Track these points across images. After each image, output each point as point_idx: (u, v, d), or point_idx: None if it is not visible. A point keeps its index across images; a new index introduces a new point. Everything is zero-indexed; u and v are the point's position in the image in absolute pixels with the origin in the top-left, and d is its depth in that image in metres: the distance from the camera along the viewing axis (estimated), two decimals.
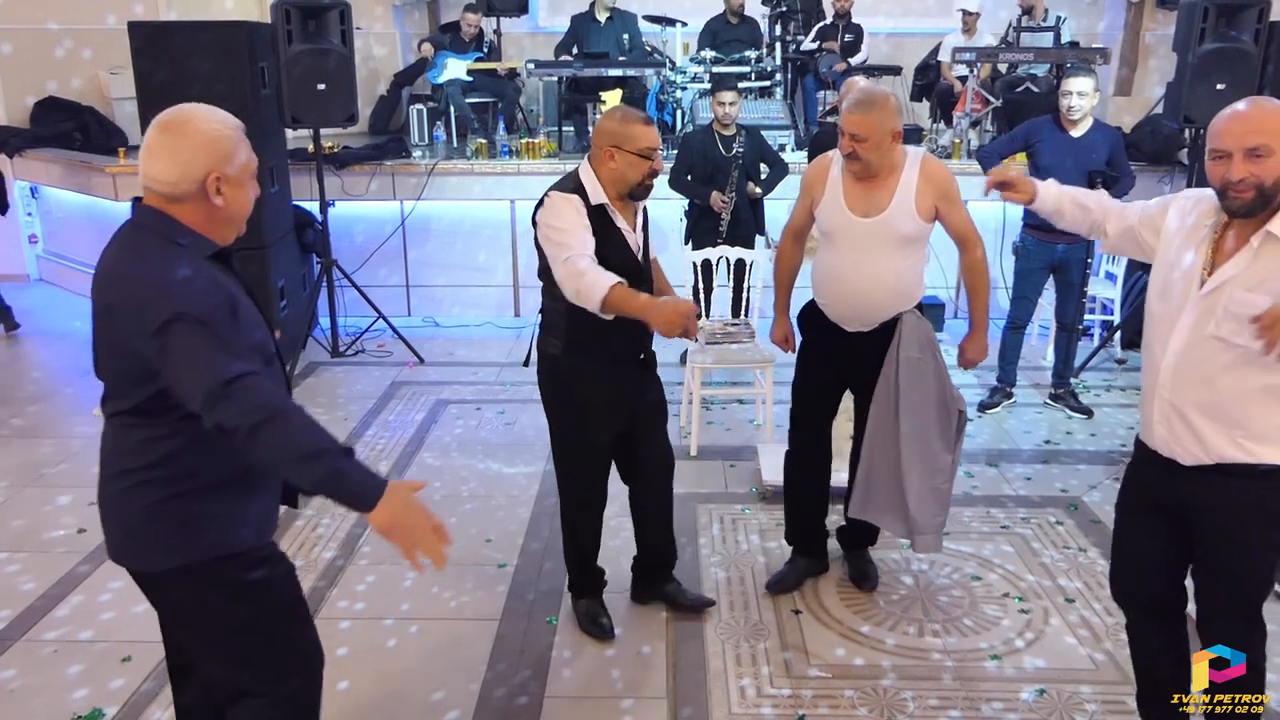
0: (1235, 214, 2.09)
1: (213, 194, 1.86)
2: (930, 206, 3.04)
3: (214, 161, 1.85)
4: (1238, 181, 2.04)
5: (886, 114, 2.93)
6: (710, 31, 7.94)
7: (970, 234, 3.15)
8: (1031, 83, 7.26)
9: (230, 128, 1.90)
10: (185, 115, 1.88)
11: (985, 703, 2.90)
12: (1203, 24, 5.40)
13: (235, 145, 1.89)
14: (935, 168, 3.07)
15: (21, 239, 7.87)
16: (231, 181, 1.88)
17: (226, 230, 1.95)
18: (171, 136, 1.85)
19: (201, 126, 1.86)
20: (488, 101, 8.03)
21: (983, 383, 5.52)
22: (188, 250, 1.85)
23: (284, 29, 5.38)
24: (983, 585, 3.53)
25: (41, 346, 6.42)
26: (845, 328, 3.17)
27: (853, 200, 3.05)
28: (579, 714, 2.87)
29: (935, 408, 3.11)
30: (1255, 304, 2.04)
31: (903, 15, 9.42)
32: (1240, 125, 2.05)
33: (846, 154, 2.98)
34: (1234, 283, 2.10)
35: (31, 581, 3.54)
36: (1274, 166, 2.03)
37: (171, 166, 1.84)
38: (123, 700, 2.90)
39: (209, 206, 1.87)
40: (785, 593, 3.45)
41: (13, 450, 4.71)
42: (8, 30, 7.67)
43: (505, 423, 5.04)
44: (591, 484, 3.14)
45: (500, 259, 6.83)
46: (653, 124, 2.88)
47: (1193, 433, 2.18)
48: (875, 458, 3.19)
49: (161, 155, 1.85)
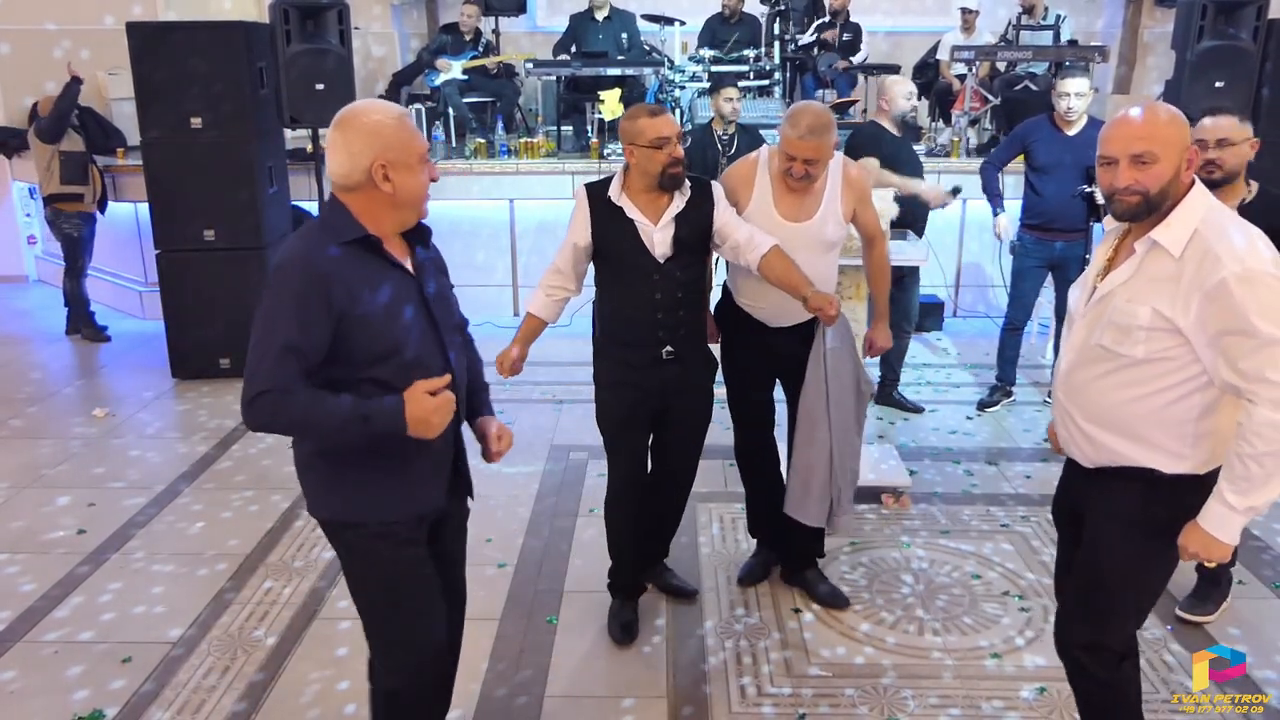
0: (1121, 219, 2.07)
1: (380, 181, 1.98)
2: (851, 209, 3.17)
3: (378, 150, 1.96)
4: (1123, 188, 2.01)
5: (833, 133, 3.02)
6: (709, 30, 7.94)
7: (878, 231, 3.31)
8: (1030, 81, 7.25)
9: (393, 117, 2.00)
10: (352, 110, 2.02)
11: (985, 701, 2.90)
12: (1201, 22, 5.40)
13: (398, 133, 1.99)
14: (855, 172, 3.20)
15: (20, 240, 7.87)
16: (398, 167, 1.98)
17: (403, 215, 2.07)
18: (340, 131, 1.99)
19: (365, 119, 1.98)
20: (486, 101, 8.02)
21: (982, 381, 5.53)
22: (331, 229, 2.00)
23: (282, 29, 5.38)
24: (982, 584, 3.53)
25: (41, 347, 6.43)
26: (768, 324, 3.21)
27: (783, 206, 3.10)
28: (579, 714, 2.87)
29: (854, 393, 3.20)
30: (1134, 315, 2.01)
31: (901, 13, 9.40)
32: (1127, 132, 2.01)
33: (799, 177, 3.00)
34: (1118, 291, 2.07)
35: (31, 583, 3.54)
36: (1158, 174, 1.98)
37: (342, 159, 1.98)
38: (123, 701, 2.90)
39: (379, 193, 2.00)
40: (756, 583, 3.49)
41: (12, 451, 4.71)
42: (6, 31, 7.68)
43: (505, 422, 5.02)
44: (622, 469, 3.16)
45: (499, 258, 6.83)
46: (662, 113, 2.90)
47: (1085, 436, 2.17)
48: (809, 452, 3.20)
49: (333, 149, 2.00)
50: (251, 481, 4.36)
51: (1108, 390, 2.10)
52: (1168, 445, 2.07)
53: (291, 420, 1.94)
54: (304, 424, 1.96)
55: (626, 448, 3.14)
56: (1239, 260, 1.91)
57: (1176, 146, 2.00)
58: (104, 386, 5.65)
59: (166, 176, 5.47)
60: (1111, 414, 2.10)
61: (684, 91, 7.39)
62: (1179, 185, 2.02)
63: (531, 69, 7.49)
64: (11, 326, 6.90)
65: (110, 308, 7.04)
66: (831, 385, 3.13)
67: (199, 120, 5.37)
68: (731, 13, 7.92)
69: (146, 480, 4.38)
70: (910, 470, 4.35)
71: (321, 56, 5.47)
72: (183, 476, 4.39)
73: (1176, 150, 2.00)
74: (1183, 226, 2.00)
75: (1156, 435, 2.07)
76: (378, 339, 1.99)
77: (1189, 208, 2.02)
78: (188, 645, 3.17)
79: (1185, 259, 1.98)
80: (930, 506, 4.12)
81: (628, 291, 2.99)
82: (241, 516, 4.04)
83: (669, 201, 2.96)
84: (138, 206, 6.63)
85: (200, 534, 3.89)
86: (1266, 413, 1.89)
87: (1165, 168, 1.99)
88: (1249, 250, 1.93)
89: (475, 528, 3.91)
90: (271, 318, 1.92)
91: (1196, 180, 2.06)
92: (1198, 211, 2.01)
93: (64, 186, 6.24)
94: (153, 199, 5.55)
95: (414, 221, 2.11)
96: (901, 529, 3.92)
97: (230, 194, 5.48)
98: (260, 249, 5.58)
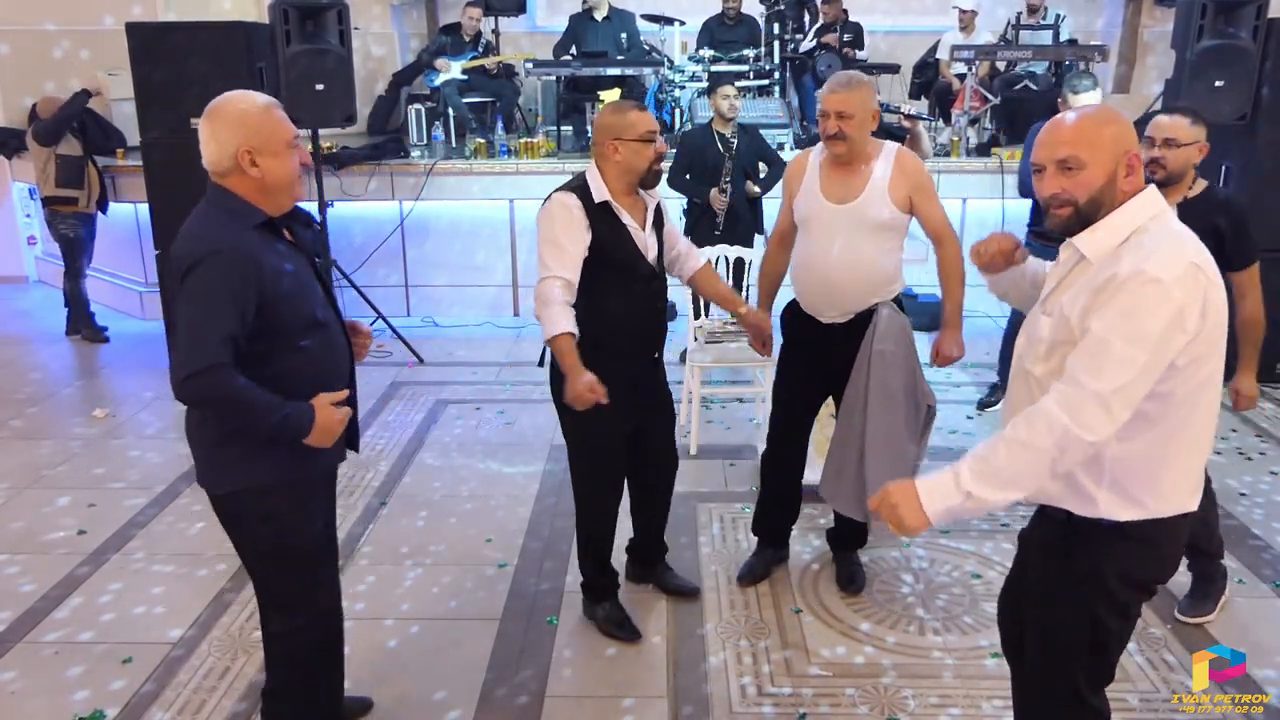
0: (1055, 234, 1.88)
1: (247, 166, 2.11)
2: (904, 197, 3.09)
3: (243, 138, 2.10)
4: (1049, 196, 1.83)
5: (867, 92, 3.01)
6: (708, 30, 7.94)
7: (945, 231, 3.18)
8: (1030, 80, 7.26)
9: (258, 106, 2.14)
10: (220, 100, 2.15)
11: (986, 700, 2.90)
12: (1201, 21, 5.39)
13: (263, 120, 2.13)
14: (910, 160, 3.14)
15: (20, 240, 7.87)
16: (264, 153, 2.11)
17: (277, 199, 2.19)
18: (208, 121, 2.13)
19: (229, 109, 2.13)
20: (486, 101, 8.02)
21: (983, 381, 5.53)
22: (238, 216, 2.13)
23: (282, 29, 5.37)
24: (983, 583, 3.53)
25: (41, 348, 6.42)
26: (820, 319, 3.19)
27: (828, 187, 3.11)
28: (580, 713, 2.87)
29: (904, 400, 3.15)
30: (1040, 325, 1.84)
31: (901, 13, 9.40)
32: (1051, 136, 1.84)
33: (831, 134, 3.01)
34: (1040, 305, 1.89)
35: (31, 583, 3.54)
36: (1086, 181, 1.79)
37: (212, 147, 2.12)
38: (124, 701, 2.90)
39: (248, 179, 2.13)
40: (756, 582, 3.49)
41: (12, 452, 4.71)
42: (6, 31, 7.67)
43: (505, 423, 5.04)
44: (611, 481, 3.14)
45: (499, 259, 6.83)
46: (646, 109, 2.94)
47: None
48: (843, 445, 3.23)
49: (203, 138, 2.14)
50: None
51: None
52: (1078, 484, 1.86)
53: (227, 396, 2.06)
54: (236, 403, 2.08)
55: (613, 458, 3.10)
56: (1140, 262, 1.72)
57: (1108, 151, 1.79)
58: (104, 387, 5.65)
59: (166, 177, 5.45)
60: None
61: (683, 91, 7.39)
62: (1115, 193, 1.81)
63: (531, 69, 7.48)
64: (11, 327, 6.90)
65: (110, 308, 7.04)
66: (873, 388, 3.09)
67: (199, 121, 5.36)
68: (733, 14, 7.92)
69: (146, 481, 4.38)
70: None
71: (321, 57, 5.47)
72: (183, 477, 4.39)
73: (1108, 155, 1.79)
74: (1111, 234, 1.81)
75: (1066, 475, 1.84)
76: (299, 313, 2.18)
77: (1126, 214, 1.81)
78: (188, 646, 3.17)
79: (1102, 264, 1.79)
80: None
81: (628, 299, 2.92)
82: None
83: (644, 204, 2.97)
84: (138, 207, 6.63)
85: (200, 534, 3.89)
86: (1051, 404, 1.73)
87: (1094, 174, 1.79)
88: (1161, 258, 1.72)
89: (475, 528, 3.95)
90: (208, 303, 2.04)
91: (1152, 189, 1.85)
92: (1135, 219, 1.81)
93: (59, 189, 6.24)
94: (153, 199, 5.55)
95: (289, 205, 2.24)
96: None
97: None
98: None
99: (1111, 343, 1.70)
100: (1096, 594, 1.91)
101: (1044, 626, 2.02)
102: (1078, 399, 1.72)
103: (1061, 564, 1.94)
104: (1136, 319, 1.70)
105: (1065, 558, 1.93)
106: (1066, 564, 1.93)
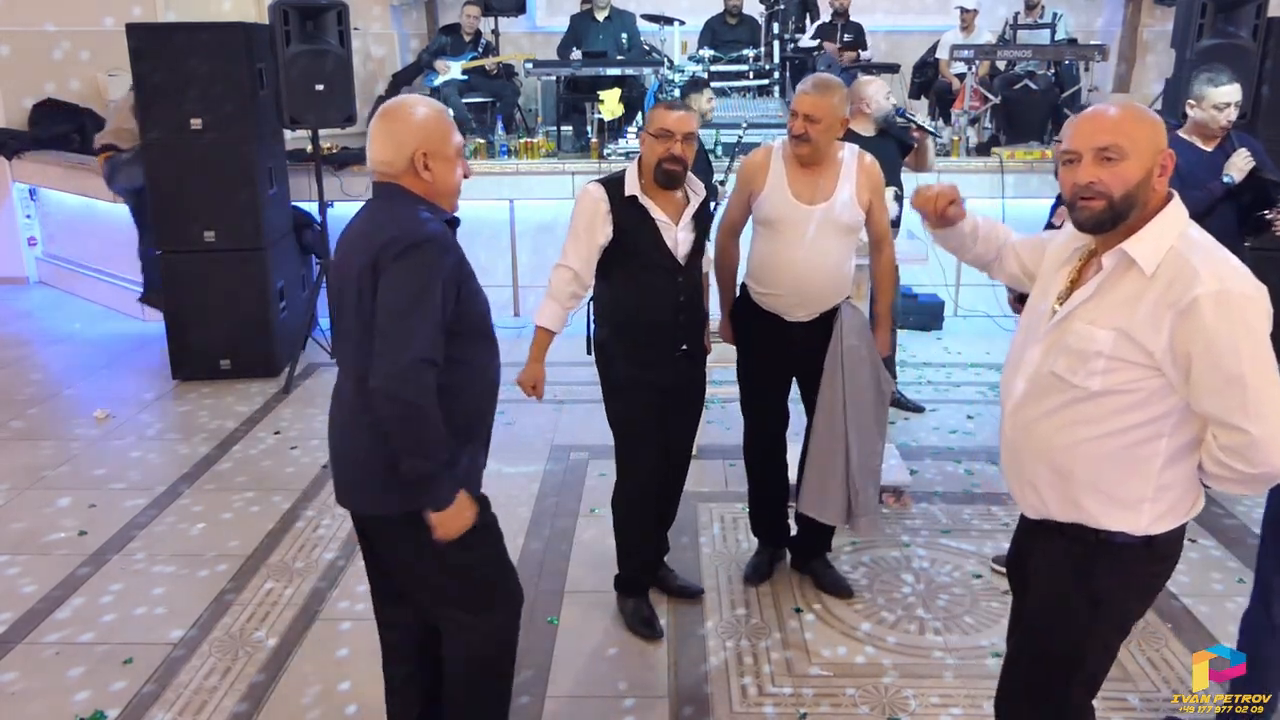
0: (1083, 227, 1.83)
1: (420, 170, 2.10)
2: (866, 199, 3.15)
3: (420, 140, 2.09)
4: (1084, 186, 1.78)
5: (840, 99, 3.04)
6: (710, 30, 7.95)
7: (886, 233, 3.30)
8: (1030, 80, 7.25)
9: (436, 110, 2.14)
10: (397, 102, 2.14)
11: (987, 700, 2.88)
12: (1201, 20, 5.39)
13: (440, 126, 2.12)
14: (870, 163, 3.18)
15: (20, 241, 7.87)
16: (437, 158, 2.11)
17: (439, 205, 2.17)
18: (386, 121, 2.11)
19: (410, 111, 2.11)
20: (486, 102, 8.02)
21: (982, 381, 5.53)
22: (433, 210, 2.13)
23: (282, 30, 5.37)
24: (983, 583, 3.53)
25: (41, 349, 6.42)
26: (785, 318, 3.19)
27: (798, 187, 3.10)
28: (580, 714, 2.87)
29: (873, 392, 3.19)
30: (1093, 339, 1.79)
31: (901, 13, 9.41)
32: (1092, 124, 1.80)
33: (797, 135, 3.03)
34: (1078, 313, 1.84)
35: (32, 584, 3.54)
36: (1125, 174, 1.75)
37: (387, 146, 2.10)
38: (124, 702, 2.90)
39: (418, 182, 2.12)
40: (762, 581, 3.49)
41: (13, 453, 4.71)
42: (6, 32, 7.67)
43: (505, 423, 5.03)
44: (645, 467, 3.13)
45: (499, 259, 6.82)
46: (681, 109, 2.94)
47: (1031, 483, 1.94)
48: (826, 449, 3.22)
49: (378, 138, 2.11)
50: (252, 483, 4.36)
51: (1058, 429, 1.86)
52: (1122, 496, 1.84)
53: (423, 405, 1.97)
54: (424, 419, 1.99)
55: (647, 447, 3.12)
56: (1217, 278, 1.70)
57: (1149, 148, 1.77)
58: (104, 388, 5.64)
59: (166, 178, 5.47)
60: (1061, 457, 1.87)
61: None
62: (1149, 193, 1.78)
63: (531, 69, 7.48)
64: (12, 328, 6.89)
65: (110, 308, 7.04)
66: (848, 383, 3.13)
67: (199, 121, 5.36)
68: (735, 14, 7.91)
69: (147, 481, 4.38)
70: (911, 470, 4.34)
71: (321, 57, 5.46)
72: (183, 478, 4.39)
73: (1148, 151, 1.77)
74: (1157, 240, 1.77)
75: (1110, 484, 1.84)
76: (482, 320, 2.20)
77: (1166, 221, 1.79)
78: (189, 646, 3.17)
79: (1157, 276, 1.75)
80: (931, 506, 4.12)
81: (650, 292, 2.98)
82: (242, 518, 4.04)
83: (686, 202, 2.99)
84: None
85: (201, 535, 3.89)
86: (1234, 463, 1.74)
87: (1133, 167, 1.76)
88: (1230, 270, 1.72)
89: None
90: (424, 293, 1.98)
91: (1175, 195, 1.83)
92: (1176, 226, 1.79)
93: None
94: (153, 199, 5.55)
95: (449, 214, 2.22)
96: (902, 528, 3.92)
97: (230, 195, 5.48)
98: (260, 250, 5.58)
99: (1247, 378, 1.69)
100: (1112, 613, 1.92)
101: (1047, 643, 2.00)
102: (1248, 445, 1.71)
103: (1070, 581, 1.92)
104: (1253, 341, 1.70)
105: (1086, 577, 1.91)
106: (1077, 578, 1.91)
